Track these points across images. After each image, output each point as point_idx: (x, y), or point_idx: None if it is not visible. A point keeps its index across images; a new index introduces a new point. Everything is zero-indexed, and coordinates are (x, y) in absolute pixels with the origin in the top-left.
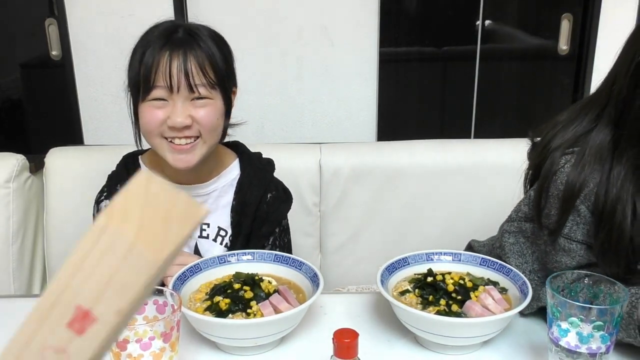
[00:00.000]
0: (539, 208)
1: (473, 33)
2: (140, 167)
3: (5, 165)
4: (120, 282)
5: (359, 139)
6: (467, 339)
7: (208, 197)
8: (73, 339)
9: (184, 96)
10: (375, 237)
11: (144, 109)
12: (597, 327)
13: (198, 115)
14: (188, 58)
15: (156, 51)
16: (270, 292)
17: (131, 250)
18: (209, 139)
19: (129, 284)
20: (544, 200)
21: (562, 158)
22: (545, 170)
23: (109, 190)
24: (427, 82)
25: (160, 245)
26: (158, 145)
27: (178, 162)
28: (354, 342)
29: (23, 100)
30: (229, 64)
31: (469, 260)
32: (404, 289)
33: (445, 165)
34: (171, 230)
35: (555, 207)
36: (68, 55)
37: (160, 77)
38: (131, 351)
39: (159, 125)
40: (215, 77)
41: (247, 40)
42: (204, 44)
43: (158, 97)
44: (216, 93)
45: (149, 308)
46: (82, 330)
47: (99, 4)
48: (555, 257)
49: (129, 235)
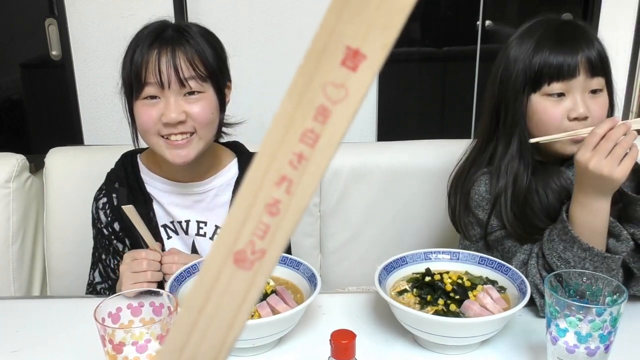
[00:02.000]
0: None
1: (473, 33)
2: (139, 165)
3: (5, 165)
4: (381, 24)
5: (359, 139)
6: (465, 339)
7: (205, 195)
8: (348, 75)
9: (175, 92)
10: (375, 237)
11: (138, 109)
12: (595, 327)
13: (192, 111)
14: (177, 54)
15: (145, 49)
16: (268, 293)
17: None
18: (204, 134)
19: (389, 24)
20: (465, 217)
21: (475, 181)
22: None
23: (107, 188)
24: (427, 82)
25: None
26: (155, 144)
27: (176, 158)
28: (352, 343)
29: (23, 100)
30: (220, 59)
31: (467, 259)
32: (402, 289)
33: (445, 165)
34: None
35: (475, 216)
36: (68, 55)
37: (150, 74)
38: (127, 354)
39: (154, 123)
40: (206, 71)
41: (247, 40)
42: (193, 40)
43: (150, 95)
44: (208, 86)
45: (146, 310)
46: (355, 67)
47: (99, 4)
48: (502, 246)
49: None
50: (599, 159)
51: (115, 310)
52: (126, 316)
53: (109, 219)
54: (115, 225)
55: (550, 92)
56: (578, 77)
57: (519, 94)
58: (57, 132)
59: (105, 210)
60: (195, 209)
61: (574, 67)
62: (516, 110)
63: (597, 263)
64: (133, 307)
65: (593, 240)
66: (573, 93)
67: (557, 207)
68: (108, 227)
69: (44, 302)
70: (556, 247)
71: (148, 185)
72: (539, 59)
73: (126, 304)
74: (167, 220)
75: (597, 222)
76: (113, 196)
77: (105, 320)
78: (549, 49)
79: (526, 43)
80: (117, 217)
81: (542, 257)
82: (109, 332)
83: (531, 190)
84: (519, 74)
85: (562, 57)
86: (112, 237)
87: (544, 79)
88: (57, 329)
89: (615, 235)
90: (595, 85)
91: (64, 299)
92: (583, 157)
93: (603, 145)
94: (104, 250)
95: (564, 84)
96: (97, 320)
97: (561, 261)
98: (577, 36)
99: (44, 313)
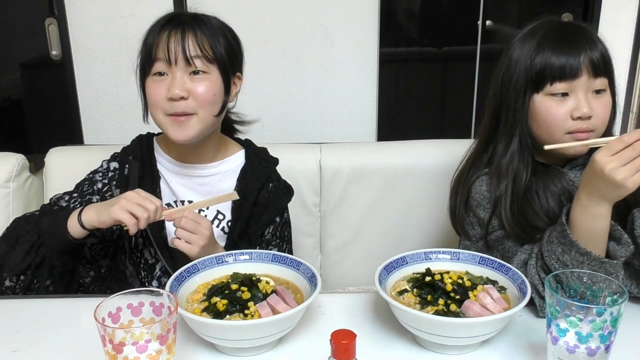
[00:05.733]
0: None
1: (473, 33)
2: (154, 144)
3: (5, 165)
4: None
5: (359, 139)
6: (465, 339)
7: (210, 179)
8: None
9: (182, 69)
10: (375, 237)
11: (149, 84)
12: (595, 327)
13: (195, 89)
14: (186, 35)
15: (157, 31)
16: (268, 293)
17: None
18: (204, 116)
19: None
20: (465, 216)
21: (475, 180)
22: (463, 192)
23: (121, 158)
24: (427, 82)
25: None
26: (161, 121)
27: (176, 135)
28: (352, 344)
29: (23, 100)
30: (232, 50)
31: (468, 259)
32: (402, 289)
33: (445, 165)
34: None
35: (476, 216)
36: (68, 55)
37: (160, 51)
38: (127, 354)
39: (161, 98)
40: (213, 53)
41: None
42: (205, 27)
43: (159, 72)
44: (214, 68)
45: (146, 310)
46: None
47: (99, 4)
48: (502, 246)
49: None
50: (617, 165)
51: (115, 310)
52: (126, 316)
53: (114, 182)
54: (117, 192)
55: (554, 92)
56: (581, 78)
57: (521, 94)
58: (57, 132)
59: (114, 173)
60: (198, 191)
61: (577, 68)
62: (517, 110)
63: (595, 267)
64: (133, 307)
65: (592, 244)
66: (576, 93)
67: (556, 209)
68: (106, 186)
69: (44, 302)
70: (555, 249)
71: (159, 163)
72: (540, 60)
73: (126, 304)
74: (171, 199)
75: (597, 226)
76: (125, 166)
77: (105, 320)
78: (551, 50)
79: (528, 44)
80: (122, 185)
81: (541, 258)
82: (109, 332)
83: (531, 191)
84: (520, 75)
85: (565, 58)
86: (100, 196)
87: (546, 79)
88: (57, 329)
89: (616, 238)
90: (598, 86)
91: (64, 299)
92: (602, 159)
93: (626, 153)
94: (80, 195)
95: (567, 84)
96: (97, 320)
97: (559, 263)
98: (580, 37)
99: (44, 313)
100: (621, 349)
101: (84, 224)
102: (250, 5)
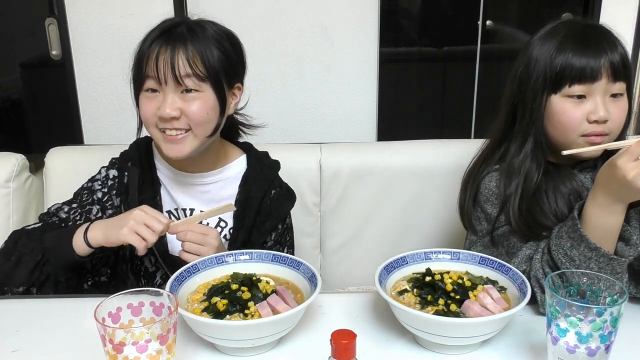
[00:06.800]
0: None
1: (473, 33)
2: (153, 150)
3: (5, 165)
4: None
5: (359, 139)
6: (465, 339)
7: (212, 186)
8: None
9: (172, 88)
10: (376, 237)
11: (142, 100)
12: (596, 327)
13: (187, 109)
14: (176, 52)
15: (149, 44)
16: (268, 293)
17: None
18: (199, 133)
19: None
20: (473, 211)
21: (485, 176)
22: (472, 188)
23: (120, 165)
24: (427, 82)
25: None
26: (154, 135)
27: (170, 152)
28: (352, 344)
29: (23, 100)
30: (229, 60)
31: (468, 259)
32: (402, 289)
33: (445, 165)
34: None
35: (484, 211)
36: (68, 55)
37: (149, 68)
38: (127, 354)
39: (153, 115)
40: (205, 71)
41: (247, 40)
42: (198, 40)
43: (151, 88)
44: (206, 86)
45: (146, 310)
46: None
47: (99, 4)
48: (507, 241)
49: None
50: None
51: (115, 310)
52: (126, 316)
53: (113, 191)
54: (117, 200)
55: (571, 94)
56: (600, 81)
57: (539, 94)
58: (57, 132)
59: (114, 182)
60: (200, 199)
61: (597, 71)
62: (534, 110)
63: (602, 264)
64: (133, 306)
65: (603, 242)
66: (594, 96)
67: (565, 209)
68: (106, 195)
69: (44, 302)
70: (563, 244)
71: (159, 170)
72: (561, 60)
73: (126, 304)
74: (172, 207)
75: (612, 223)
76: (125, 174)
77: (106, 320)
78: (572, 51)
79: (549, 43)
80: (122, 194)
81: (547, 253)
82: (109, 332)
83: (540, 190)
84: (539, 74)
85: (586, 60)
86: (100, 205)
87: (565, 81)
88: (57, 329)
89: (625, 239)
90: (616, 90)
91: (64, 299)
92: (625, 166)
93: None
94: (80, 205)
95: (586, 87)
96: (97, 320)
97: (566, 258)
98: (601, 39)
99: (44, 313)
100: (621, 349)
101: (90, 242)
102: (250, 5)
